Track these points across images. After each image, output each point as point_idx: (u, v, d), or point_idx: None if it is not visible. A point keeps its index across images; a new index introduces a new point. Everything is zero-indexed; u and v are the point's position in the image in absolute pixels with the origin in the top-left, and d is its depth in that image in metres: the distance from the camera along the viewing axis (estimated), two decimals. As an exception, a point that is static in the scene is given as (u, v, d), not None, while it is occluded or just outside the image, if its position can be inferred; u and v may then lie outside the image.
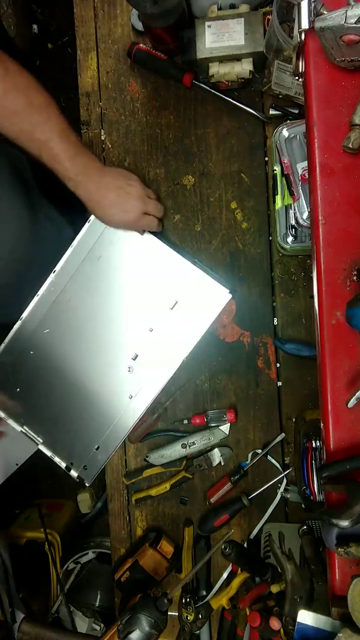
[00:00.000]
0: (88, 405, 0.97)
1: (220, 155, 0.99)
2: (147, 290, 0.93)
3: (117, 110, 1.01)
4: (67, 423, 0.98)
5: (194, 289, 0.91)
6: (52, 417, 0.99)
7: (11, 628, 1.16)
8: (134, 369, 0.94)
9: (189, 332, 0.91)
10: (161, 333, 0.93)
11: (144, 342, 0.93)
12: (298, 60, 0.69)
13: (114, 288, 0.95)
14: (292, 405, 0.99)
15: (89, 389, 0.97)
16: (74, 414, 0.98)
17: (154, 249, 0.92)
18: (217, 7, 0.91)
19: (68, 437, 0.98)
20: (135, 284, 0.93)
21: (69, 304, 0.96)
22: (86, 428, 0.97)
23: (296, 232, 0.93)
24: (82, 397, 0.97)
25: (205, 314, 0.90)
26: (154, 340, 0.93)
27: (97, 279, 0.95)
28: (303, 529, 0.88)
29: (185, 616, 0.94)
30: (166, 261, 0.92)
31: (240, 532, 1.00)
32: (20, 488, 1.99)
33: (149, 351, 0.93)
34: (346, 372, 0.68)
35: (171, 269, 0.92)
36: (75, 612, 1.44)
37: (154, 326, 0.93)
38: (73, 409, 0.98)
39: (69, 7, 1.03)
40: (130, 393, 0.94)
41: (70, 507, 1.83)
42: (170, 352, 0.92)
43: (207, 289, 0.90)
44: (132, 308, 0.94)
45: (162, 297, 0.92)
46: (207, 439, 0.98)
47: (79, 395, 0.97)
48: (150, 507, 1.03)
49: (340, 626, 0.65)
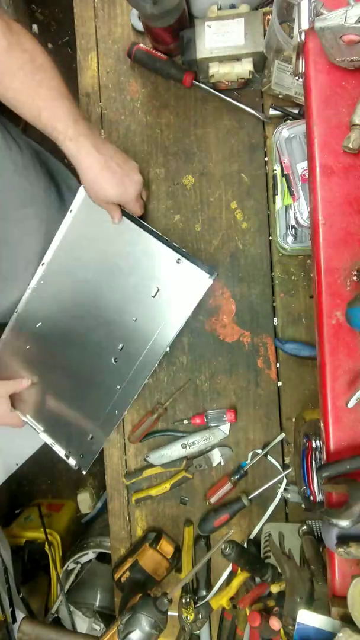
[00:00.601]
0: (81, 397, 0.99)
1: (220, 155, 0.99)
2: (130, 279, 0.92)
3: (117, 110, 1.01)
4: (63, 414, 1.00)
5: (174, 275, 0.89)
6: (51, 407, 1.01)
7: (11, 628, 1.16)
8: (120, 360, 0.94)
9: (171, 319, 0.90)
10: (145, 322, 0.92)
11: (129, 333, 0.93)
12: (298, 60, 0.69)
13: (98, 279, 0.94)
14: (292, 405, 0.99)
15: (80, 380, 0.98)
16: (69, 405, 1.00)
17: (133, 236, 0.91)
18: (217, 7, 0.91)
19: (65, 427, 1.00)
20: (118, 273, 0.93)
21: (57, 296, 0.97)
22: (80, 418, 0.99)
23: (296, 232, 0.93)
24: (75, 388, 0.99)
25: (188, 300, 0.89)
26: (138, 329, 0.92)
27: (80, 270, 0.95)
28: (303, 529, 0.88)
29: (185, 616, 0.94)
30: (146, 248, 0.91)
31: (240, 532, 1.00)
32: (20, 488, 2.00)
33: (134, 341, 0.93)
34: (346, 372, 0.68)
35: (151, 256, 0.91)
36: (75, 612, 1.44)
37: (138, 315, 0.92)
38: (68, 400, 1.00)
39: (69, 7, 1.03)
40: (118, 384, 0.94)
41: (70, 507, 1.83)
42: (153, 341, 0.92)
43: (187, 274, 0.89)
44: (116, 298, 0.94)
45: (144, 285, 0.91)
46: (207, 439, 0.98)
47: (73, 387, 0.99)
48: (150, 507, 1.03)
49: (340, 626, 0.66)
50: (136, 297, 0.92)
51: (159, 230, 0.88)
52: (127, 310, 0.93)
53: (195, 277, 0.88)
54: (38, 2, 2.00)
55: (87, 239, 0.94)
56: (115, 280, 0.93)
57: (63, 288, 0.97)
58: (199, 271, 0.88)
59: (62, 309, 0.98)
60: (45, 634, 1.16)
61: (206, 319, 0.99)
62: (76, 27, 1.02)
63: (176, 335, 0.91)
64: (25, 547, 1.57)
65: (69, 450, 1.00)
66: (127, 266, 0.92)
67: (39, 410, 1.02)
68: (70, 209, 0.94)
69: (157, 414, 0.98)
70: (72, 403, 0.99)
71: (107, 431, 0.97)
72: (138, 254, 0.91)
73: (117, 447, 1.03)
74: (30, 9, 1.99)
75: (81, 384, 0.98)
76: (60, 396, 1.00)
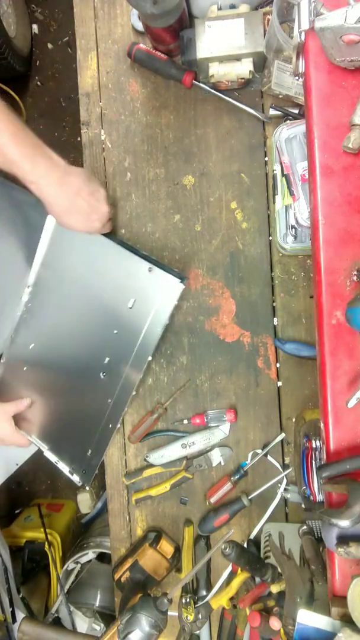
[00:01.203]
0: (77, 413, 1.00)
1: (220, 155, 0.99)
2: (107, 293, 0.93)
3: (117, 110, 1.01)
4: (64, 431, 1.01)
5: (148, 284, 0.89)
6: (52, 425, 1.02)
7: (11, 628, 1.16)
8: (107, 373, 0.95)
9: (150, 328, 0.90)
10: (125, 334, 0.92)
11: (112, 346, 0.94)
12: (298, 60, 0.70)
13: (78, 295, 0.96)
14: (292, 405, 0.99)
15: (74, 397, 1.00)
16: (68, 422, 1.01)
17: (105, 249, 0.92)
18: (217, 7, 0.91)
19: (67, 445, 1.01)
20: (96, 288, 0.94)
21: (44, 317, 0.99)
22: (79, 435, 1.00)
23: (296, 232, 0.93)
24: (71, 405, 1.01)
25: (163, 307, 0.89)
26: (120, 342, 0.93)
27: (62, 289, 0.96)
28: (303, 529, 0.88)
29: (185, 616, 0.94)
30: (118, 260, 0.91)
31: (240, 532, 1.00)
32: (20, 488, 2.00)
33: (118, 354, 0.93)
34: (346, 372, 0.68)
35: (124, 268, 0.91)
36: (75, 612, 1.44)
37: (118, 328, 0.93)
38: (66, 417, 1.01)
39: (69, 7, 1.03)
40: (109, 398, 0.95)
41: (70, 507, 1.83)
42: (136, 352, 0.92)
43: (160, 282, 0.89)
44: (96, 313, 0.94)
45: (121, 297, 0.91)
46: (207, 439, 0.98)
47: (69, 404, 1.01)
48: (150, 507, 1.03)
49: (340, 626, 0.66)
50: (115, 310, 0.92)
51: (159, 230, 0.89)
52: (108, 324, 0.93)
53: (168, 284, 0.88)
54: (38, 2, 2.00)
55: (64, 258, 0.95)
56: (94, 295, 0.94)
57: (49, 308, 0.98)
58: (171, 277, 0.88)
59: (51, 329, 0.99)
60: (45, 634, 1.16)
61: (206, 319, 0.99)
62: (76, 27, 1.02)
63: (157, 343, 0.91)
64: (25, 547, 1.57)
65: (72, 467, 1.01)
66: (103, 280, 0.93)
67: (42, 429, 1.03)
68: (45, 231, 0.95)
69: (157, 414, 0.98)
70: (69, 420, 1.01)
71: (103, 445, 0.97)
72: (112, 267, 0.92)
73: (117, 447, 1.03)
74: (30, 9, 1.99)
75: (75, 401, 1.00)
76: (59, 414, 1.02)
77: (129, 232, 1.01)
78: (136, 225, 1.01)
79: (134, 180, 1.01)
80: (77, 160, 1.95)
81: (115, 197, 1.01)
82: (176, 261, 1.00)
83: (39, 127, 2.00)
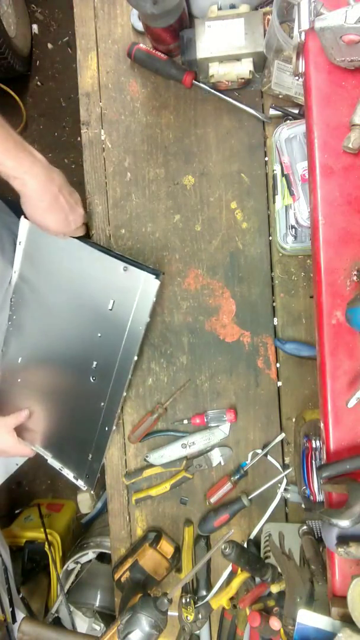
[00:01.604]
0: (75, 419, 1.00)
1: (220, 155, 0.99)
2: (86, 297, 0.93)
3: (117, 110, 1.01)
4: (64, 437, 1.02)
5: (124, 283, 0.89)
6: (52, 433, 1.03)
7: (11, 628, 1.16)
8: (97, 377, 0.95)
9: (132, 327, 0.90)
10: (109, 336, 0.92)
11: (98, 349, 0.94)
12: (298, 60, 0.69)
13: (59, 302, 0.96)
14: (292, 405, 0.99)
15: (70, 402, 1.00)
16: (67, 428, 1.02)
17: (81, 252, 0.92)
18: (217, 7, 0.91)
19: (69, 451, 1.02)
20: (75, 293, 0.94)
21: (28, 329, 1.00)
22: (79, 440, 1.00)
23: (296, 232, 0.93)
24: (68, 411, 1.01)
25: (142, 305, 0.88)
26: (105, 344, 0.93)
27: (42, 297, 0.97)
28: (303, 529, 0.88)
29: (185, 616, 0.94)
30: (93, 263, 0.91)
31: (240, 532, 1.00)
32: (20, 488, 2.00)
33: (104, 356, 0.93)
34: (346, 372, 0.68)
35: (100, 270, 0.91)
36: (75, 612, 1.44)
37: (101, 331, 0.93)
38: (65, 423, 1.02)
39: (69, 7, 1.03)
40: (102, 401, 0.95)
41: (70, 507, 1.83)
42: (122, 353, 0.92)
43: (136, 280, 0.88)
44: (78, 318, 0.95)
45: (100, 300, 0.91)
46: (207, 439, 0.98)
47: (66, 411, 1.01)
48: (150, 507, 1.03)
49: (340, 626, 0.66)
50: (96, 313, 0.92)
51: (159, 230, 0.88)
52: (91, 328, 0.93)
53: (144, 281, 0.87)
54: (38, 2, 2.00)
55: (42, 266, 0.96)
56: (74, 300, 0.94)
57: (32, 319, 0.99)
58: (146, 274, 0.87)
59: (36, 339, 1.00)
60: (45, 634, 1.16)
61: (206, 319, 0.99)
62: (76, 27, 1.02)
63: (141, 342, 0.91)
64: (25, 547, 1.57)
65: (76, 472, 1.01)
66: (81, 285, 0.93)
67: (44, 437, 1.04)
68: (19, 241, 0.95)
69: (157, 414, 0.98)
70: (68, 426, 1.01)
71: (102, 448, 0.97)
72: (88, 270, 0.92)
73: (117, 447, 1.03)
74: (30, 9, 1.99)
75: (71, 407, 1.00)
76: (58, 421, 1.02)
77: (128, 232, 1.01)
78: (136, 225, 1.01)
79: (134, 180, 1.01)
80: (77, 160, 1.97)
81: (116, 197, 1.01)
82: (176, 261, 1.00)
83: (39, 127, 2.00)
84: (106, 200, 1.01)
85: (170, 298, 1.00)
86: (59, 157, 1.96)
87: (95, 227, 1.01)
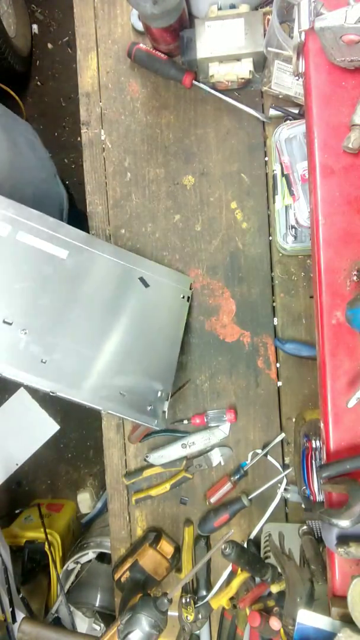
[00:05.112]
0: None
1: (220, 155, 0.99)
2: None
3: (117, 110, 1.01)
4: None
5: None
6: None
7: (11, 628, 1.16)
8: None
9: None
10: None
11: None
12: (298, 60, 0.70)
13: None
14: (292, 405, 0.99)
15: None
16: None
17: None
18: (217, 7, 0.91)
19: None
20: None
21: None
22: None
23: (296, 232, 0.93)
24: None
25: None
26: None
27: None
28: (303, 529, 0.88)
29: (185, 616, 0.94)
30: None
31: (240, 532, 1.00)
32: (20, 488, 2.00)
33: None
34: (346, 372, 0.68)
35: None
36: (75, 612, 1.44)
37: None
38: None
39: (69, 7, 1.03)
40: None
41: (70, 507, 1.83)
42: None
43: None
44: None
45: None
46: (207, 439, 0.98)
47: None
48: (150, 507, 1.03)
49: (340, 626, 0.66)
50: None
51: (159, 230, 0.87)
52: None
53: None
54: (38, 2, 2.00)
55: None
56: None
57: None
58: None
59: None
60: (45, 634, 1.16)
61: (206, 319, 0.99)
62: (76, 27, 1.02)
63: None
64: (25, 547, 1.57)
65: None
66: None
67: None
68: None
69: (157, 414, 0.98)
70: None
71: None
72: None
73: (117, 447, 1.03)
74: (30, 9, 1.99)
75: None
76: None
77: (129, 232, 1.01)
78: (136, 225, 1.01)
79: (134, 180, 1.01)
80: (77, 160, 1.97)
81: (116, 197, 1.01)
82: (176, 261, 1.00)
83: (39, 127, 2.00)
84: (106, 200, 1.01)
85: (170, 298, 1.00)
86: (59, 157, 1.96)
87: (95, 227, 1.01)
